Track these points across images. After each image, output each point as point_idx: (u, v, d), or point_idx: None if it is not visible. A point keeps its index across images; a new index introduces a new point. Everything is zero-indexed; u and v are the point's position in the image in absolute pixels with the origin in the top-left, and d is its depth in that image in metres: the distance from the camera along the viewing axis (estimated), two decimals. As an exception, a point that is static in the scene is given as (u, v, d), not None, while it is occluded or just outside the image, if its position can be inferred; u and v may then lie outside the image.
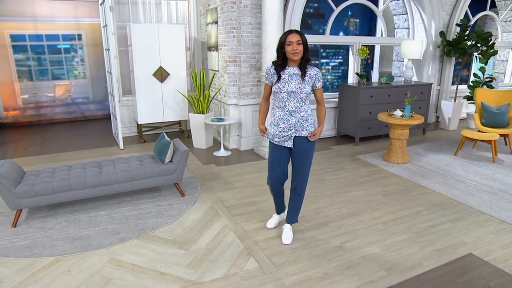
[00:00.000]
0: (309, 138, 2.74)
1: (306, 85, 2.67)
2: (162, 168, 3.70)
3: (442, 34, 6.54)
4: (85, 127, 7.38)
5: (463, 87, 7.37)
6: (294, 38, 2.55)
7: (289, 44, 2.57)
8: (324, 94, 6.52)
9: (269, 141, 2.87)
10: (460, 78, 6.89)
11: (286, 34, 2.59)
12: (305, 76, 2.65)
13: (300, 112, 2.70)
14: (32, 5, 8.23)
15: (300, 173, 2.82)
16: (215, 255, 2.79)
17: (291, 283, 2.47)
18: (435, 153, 5.33)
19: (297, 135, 2.73)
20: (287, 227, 3.01)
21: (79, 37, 9.40)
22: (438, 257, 2.78)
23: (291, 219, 3.00)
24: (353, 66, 6.39)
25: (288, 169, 2.91)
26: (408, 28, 6.94)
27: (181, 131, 6.71)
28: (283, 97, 2.68)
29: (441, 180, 4.32)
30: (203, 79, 5.59)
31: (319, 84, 2.72)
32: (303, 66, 2.65)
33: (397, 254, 2.81)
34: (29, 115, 8.18)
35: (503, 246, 2.95)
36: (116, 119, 5.66)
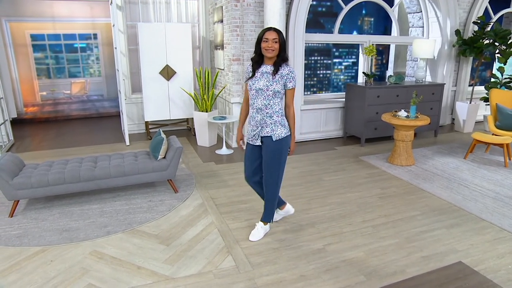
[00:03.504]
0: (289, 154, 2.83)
1: (275, 83, 2.64)
2: (155, 164, 3.75)
3: (457, 32, 6.27)
4: (99, 124, 7.60)
5: (482, 88, 7.04)
6: (271, 35, 2.55)
7: (265, 41, 2.57)
8: (334, 94, 6.48)
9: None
10: (477, 78, 6.57)
11: (264, 30, 2.59)
12: (276, 73, 2.62)
13: (266, 109, 2.68)
14: (51, 5, 8.57)
15: (267, 173, 2.79)
16: (194, 252, 2.79)
17: (264, 283, 2.43)
18: (443, 156, 5.12)
19: (261, 134, 2.72)
20: (259, 224, 3.00)
21: (95, 36, 9.72)
22: (424, 264, 2.66)
23: (263, 216, 2.98)
24: (363, 65, 6.24)
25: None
26: (423, 27, 6.69)
27: (188, 129, 6.78)
28: (253, 94, 2.69)
29: (444, 184, 4.14)
30: (208, 77, 5.62)
31: (290, 85, 2.68)
32: (276, 64, 2.63)
33: (380, 259, 2.71)
34: (47, 111, 8.52)
35: (497, 255, 2.78)
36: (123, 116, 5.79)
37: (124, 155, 3.97)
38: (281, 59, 2.62)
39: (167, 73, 5.91)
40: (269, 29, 2.59)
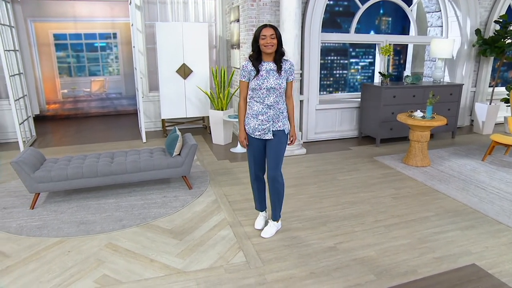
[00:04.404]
0: (289, 143, 2.89)
1: (283, 80, 2.72)
2: (170, 160, 3.82)
3: (478, 32, 6.13)
4: (117, 121, 7.78)
5: (503, 89, 6.86)
6: (268, 32, 2.59)
7: (263, 38, 2.61)
8: (349, 94, 6.44)
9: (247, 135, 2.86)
10: (498, 78, 6.40)
11: (260, 28, 2.63)
12: (281, 70, 2.69)
13: (278, 104, 2.74)
14: (73, 6, 8.83)
15: (276, 165, 2.82)
16: (206, 247, 2.84)
17: (274, 279, 2.46)
18: (460, 158, 5.02)
19: (274, 128, 2.76)
20: (271, 222, 3.04)
21: (114, 35, 9.97)
22: (436, 265, 2.63)
23: (276, 215, 3.01)
24: (380, 65, 6.18)
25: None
26: (442, 26, 6.57)
27: (204, 127, 6.87)
28: (263, 93, 2.71)
29: (460, 185, 4.07)
30: (224, 76, 5.68)
31: (291, 77, 2.76)
32: (278, 61, 2.68)
33: (392, 259, 2.69)
34: (67, 108, 8.78)
35: (513, 258, 2.73)
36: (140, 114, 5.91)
37: (140, 152, 4.06)
38: (280, 54, 2.67)
39: (184, 71, 6.00)
40: (265, 26, 2.63)
